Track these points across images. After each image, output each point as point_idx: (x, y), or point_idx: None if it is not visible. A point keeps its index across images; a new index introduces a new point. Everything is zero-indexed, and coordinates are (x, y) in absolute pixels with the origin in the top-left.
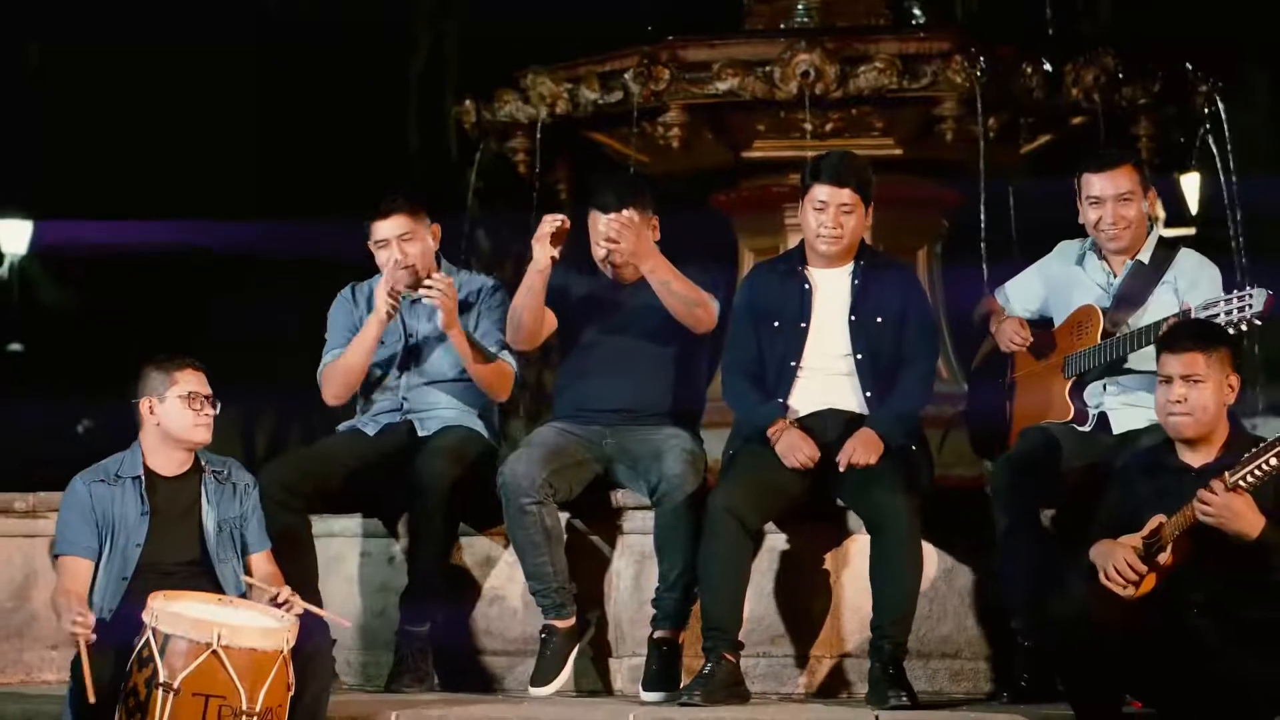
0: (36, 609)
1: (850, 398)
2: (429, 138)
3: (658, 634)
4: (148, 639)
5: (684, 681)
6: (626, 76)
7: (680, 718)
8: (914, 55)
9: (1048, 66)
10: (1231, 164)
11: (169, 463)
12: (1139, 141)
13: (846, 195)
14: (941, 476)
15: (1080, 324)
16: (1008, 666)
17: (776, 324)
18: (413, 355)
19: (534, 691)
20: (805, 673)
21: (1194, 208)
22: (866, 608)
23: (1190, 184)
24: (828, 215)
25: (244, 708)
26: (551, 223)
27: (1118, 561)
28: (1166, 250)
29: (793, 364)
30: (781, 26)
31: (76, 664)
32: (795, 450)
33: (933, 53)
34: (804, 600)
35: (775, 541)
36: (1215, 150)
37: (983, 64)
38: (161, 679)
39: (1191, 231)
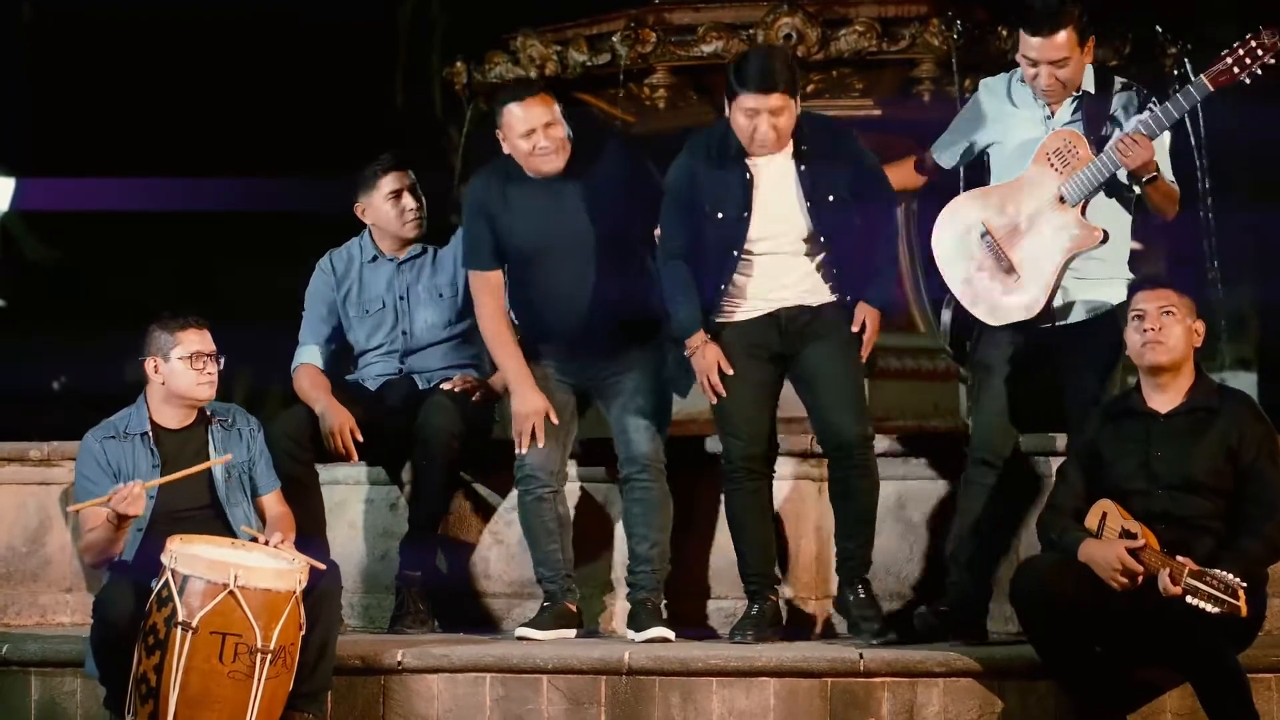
0: (51, 553)
1: (795, 284)
2: (414, 94)
3: (638, 598)
4: (166, 580)
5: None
6: (614, 39)
7: (670, 654)
8: (893, 19)
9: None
10: (1201, 122)
11: (174, 417)
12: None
13: (775, 100)
14: (918, 426)
15: (1059, 151)
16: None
17: (720, 215)
18: (407, 318)
19: (521, 631)
20: (791, 614)
21: (1164, 162)
22: None
23: (1162, 139)
24: (760, 121)
25: (259, 645)
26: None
27: (1116, 564)
28: (1105, 76)
29: (735, 253)
30: None
31: (99, 604)
32: (709, 371)
33: (911, 16)
34: (791, 546)
35: None
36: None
37: (959, 27)
38: (180, 618)
39: None
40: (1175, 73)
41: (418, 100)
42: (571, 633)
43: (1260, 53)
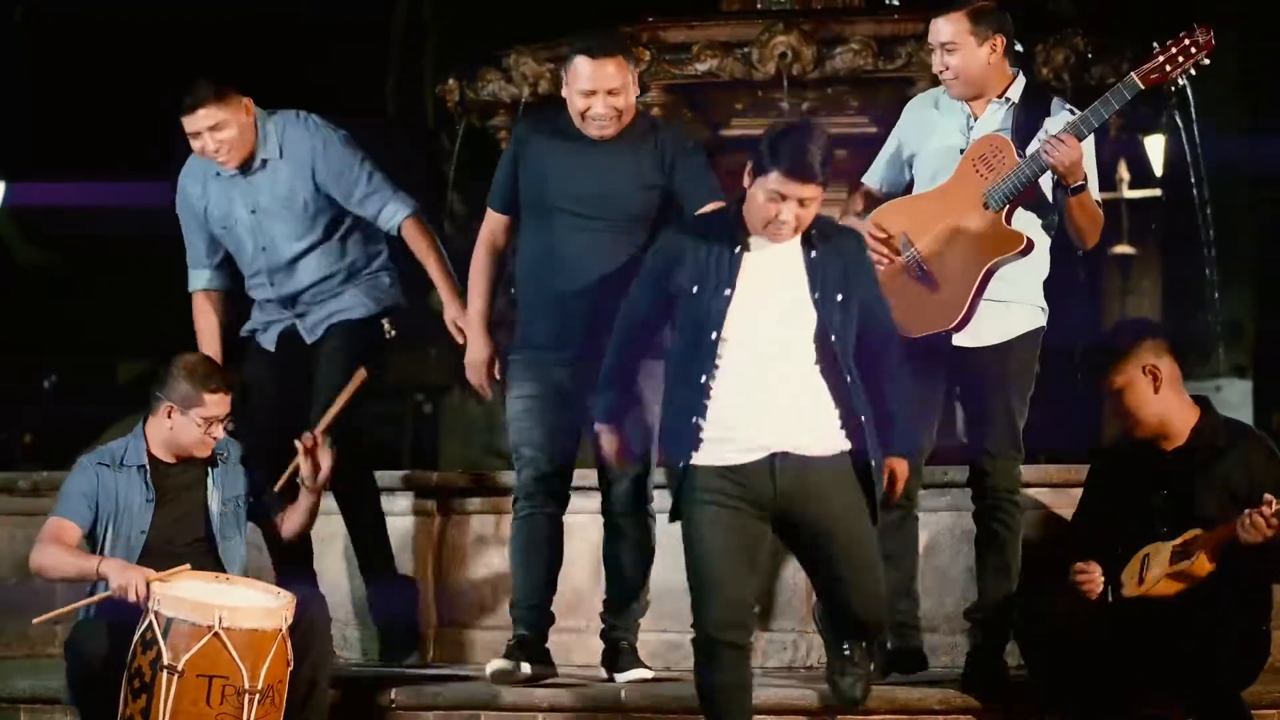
0: (39, 585)
1: (795, 417)
2: (406, 102)
3: (614, 636)
4: (150, 622)
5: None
6: None
7: (667, 693)
8: (889, 37)
9: (1019, 47)
10: (1196, 133)
11: (172, 454)
12: (1108, 118)
13: (810, 190)
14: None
15: (985, 157)
16: None
17: (697, 289)
18: (263, 234)
19: (494, 666)
20: (791, 648)
21: (1158, 169)
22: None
23: (1155, 146)
24: (785, 208)
25: (246, 686)
26: None
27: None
28: (1039, 90)
29: (713, 335)
30: (759, 7)
31: (70, 644)
32: (608, 448)
33: (907, 34)
34: (790, 579)
35: None
36: (1180, 122)
37: None
38: (166, 661)
39: (1158, 193)
40: (1173, 89)
41: (411, 107)
42: (550, 670)
43: (1194, 50)
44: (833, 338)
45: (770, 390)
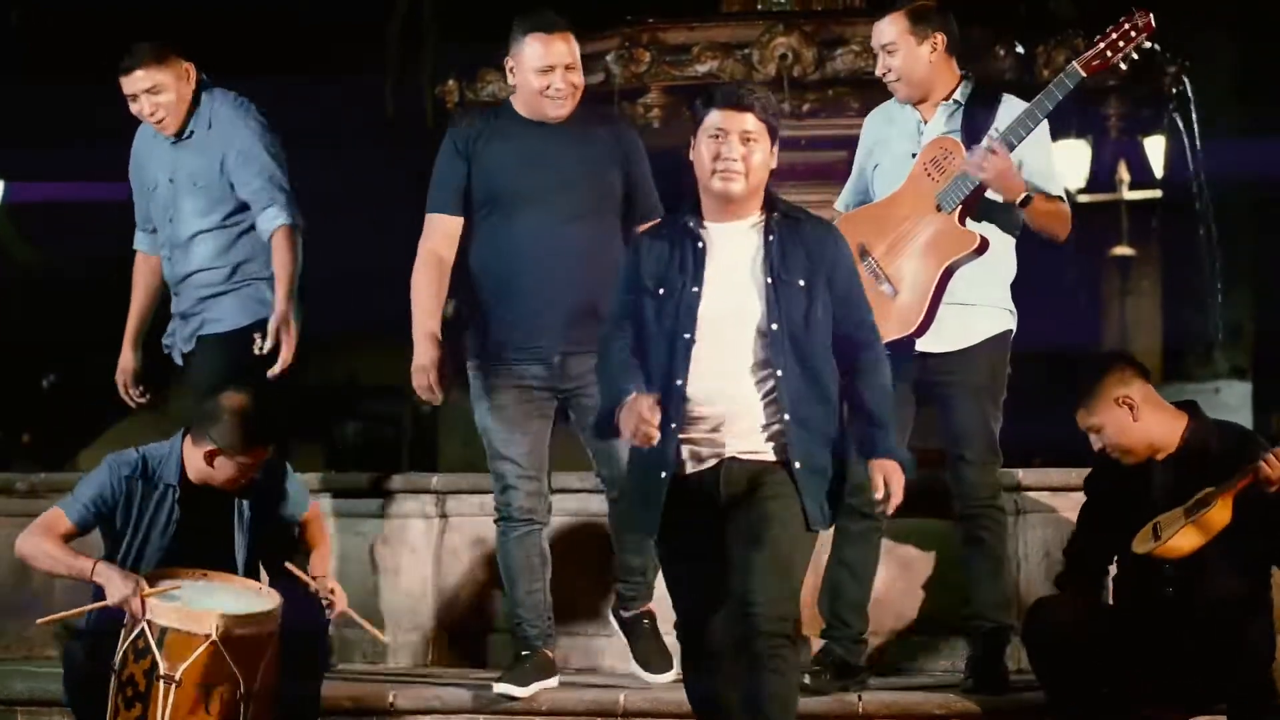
0: (38, 587)
1: (745, 393)
2: (406, 102)
3: (634, 612)
4: (143, 630)
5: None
6: (608, 59)
7: (667, 696)
8: None
9: (1020, 48)
10: (1197, 134)
11: (202, 480)
12: (1108, 121)
13: (749, 121)
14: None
15: (936, 160)
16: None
17: (663, 290)
18: (173, 206)
19: (500, 688)
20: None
21: (1159, 170)
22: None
23: (1155, 147)
24: (729, 145)
25: (242, 692)
26: None
27: None
28: (990, 89)
29: (686, 335)
30: (759, 8)
31: (68, 654)
32: (631, 420)
33: None
34: None
35: None
36: (1182, 125)
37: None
38: (162, 671)
39: (1158, 193)
40: (1174, 91)
41: (411, 107)
42: (553, 682)
43: (1134, 34)
44: (774, 326)
45: (734, 390)
